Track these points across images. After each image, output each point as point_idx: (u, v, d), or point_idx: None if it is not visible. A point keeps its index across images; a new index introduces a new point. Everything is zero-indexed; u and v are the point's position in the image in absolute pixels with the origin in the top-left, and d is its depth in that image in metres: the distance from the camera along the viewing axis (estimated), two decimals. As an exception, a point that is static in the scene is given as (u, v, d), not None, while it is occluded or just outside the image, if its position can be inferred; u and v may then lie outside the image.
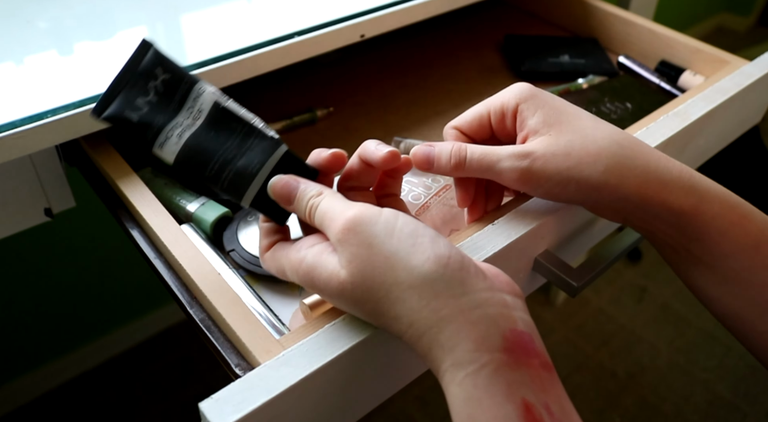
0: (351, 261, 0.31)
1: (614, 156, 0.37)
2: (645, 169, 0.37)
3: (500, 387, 0.28)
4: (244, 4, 0.62)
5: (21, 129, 0.45)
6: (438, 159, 0.39)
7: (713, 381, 1.40)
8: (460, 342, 0.29)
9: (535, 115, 0.39)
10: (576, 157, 0.37)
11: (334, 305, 0.35)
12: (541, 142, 0.38)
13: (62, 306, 1.22)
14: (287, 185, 0.36)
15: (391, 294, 0.30)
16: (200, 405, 0.30)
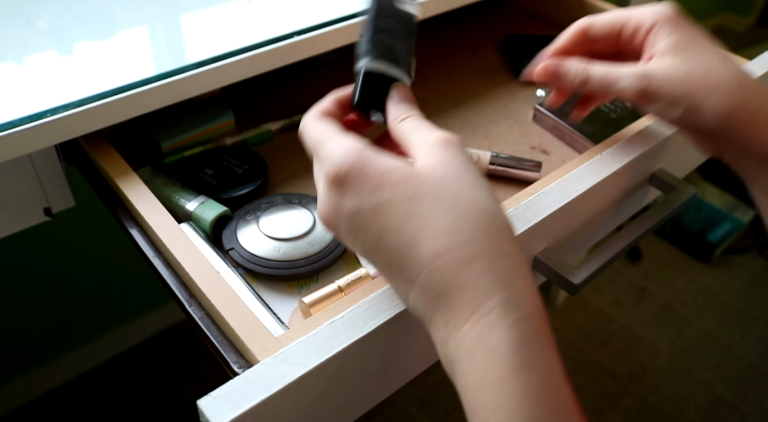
0: (439, 163, 0.30)
1: (730, 93, 0.39)
2: (756, 111, 0.39)
3: (548, 338, 0.27)
4: (244, 4, 0.62)
5: (20, 128, 0.45)
6: (564, 75, 0.44)
7: (713, 382, 1.40)
8: (514, 282, 0.27)
9: (668, 38, 0.41)
10: (693, 85, 0.39)
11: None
12: (663, 63, 0.41)
13: (62, 306, 1.22)
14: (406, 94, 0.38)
15: (470, 212, 0.28)
16: (199, 402, 0.30)
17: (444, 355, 0.29)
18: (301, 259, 0.46)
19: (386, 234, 0.29)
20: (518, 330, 0.26)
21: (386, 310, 0.35)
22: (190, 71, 0.51)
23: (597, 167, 0.46)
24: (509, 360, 0.26)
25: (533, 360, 0.26)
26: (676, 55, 0.40)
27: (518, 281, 0.27)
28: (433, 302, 0.28)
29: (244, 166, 0.55)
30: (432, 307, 0.28)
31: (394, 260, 0.29)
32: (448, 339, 0.28)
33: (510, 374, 0.25)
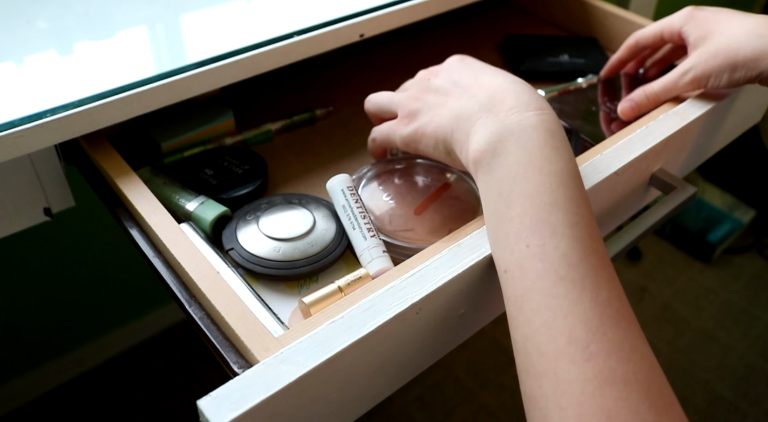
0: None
1: (751, 44, 0.50)
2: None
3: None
4: (244, 4, 0.62)
5: (20, 128, 0.45)
6: (639, 107, 0.57)
7: (713, 382, 1.40)
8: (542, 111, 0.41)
9: (693, 33, 0.54)
10: (722, 55, 0.51)
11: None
12: (696, 54, 0.53)
13: (62, 306, 1.22)
14: None
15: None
16: (199, 402, 0.30)
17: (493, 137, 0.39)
18: (301, 259, 0.46)
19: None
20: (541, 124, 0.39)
21: (386, 310, 0.35)
22: (190, 71, 0.51)
23: (597, 167, 0.46)
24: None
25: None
26: (704, 43, 0.53)
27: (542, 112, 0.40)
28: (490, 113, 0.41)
29: (244, 166, 0.55)
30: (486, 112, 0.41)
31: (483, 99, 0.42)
32: (497, 125, 0.39)
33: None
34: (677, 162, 0.57)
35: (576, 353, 0.30)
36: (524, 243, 0.34)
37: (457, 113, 0.42)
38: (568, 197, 0.35)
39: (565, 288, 0.32)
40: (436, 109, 0.44)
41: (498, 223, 0.37)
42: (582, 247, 0.33)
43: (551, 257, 0.33)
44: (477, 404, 1.33)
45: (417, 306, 0.36)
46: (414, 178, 0.54)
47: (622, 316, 0.32)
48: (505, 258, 0.35)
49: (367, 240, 0.47)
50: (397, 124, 0.47)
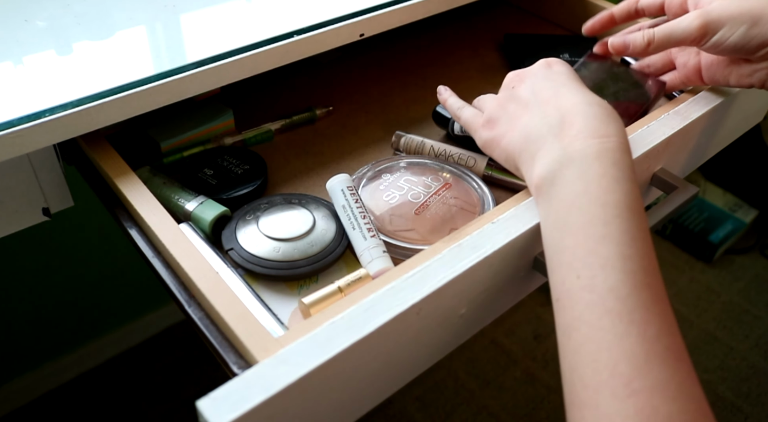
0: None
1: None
2: None
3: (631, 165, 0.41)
4: (244, 3, 0.62)
5: (19, 128, 0.44)
6: (633, 43, 0.50)
7: (715, 383, 1.40)
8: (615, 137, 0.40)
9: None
10: (746, 6, 0.45)
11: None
12: (716, 2, 0.47)
13: (61, 307, 1.22)
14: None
15: None
16: (198, 403, 0.30)
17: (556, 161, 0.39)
18: (300, 260, 0.46)
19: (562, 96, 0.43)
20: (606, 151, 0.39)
21: (386, 311, 0.35)
22: (190, 71, 0.50)
23: (598, 167, 0.46)
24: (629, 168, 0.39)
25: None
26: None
27: (614, 138, 0.39)
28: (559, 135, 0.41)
29: (244, 166, 0.55)
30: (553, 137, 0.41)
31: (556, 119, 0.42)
32: (565, 148, 0.39)
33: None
34: (679, 162, 0.57)
35: (618, 387, 0.30)
36: (575, 274, 0.34)
37: (527, 133, 0.42)
38: (622, 230, 0.34)
39: (611, 322, 0.31)
40: (513, 122, 0.44)
41: (553, 252, 0.37)
42: (633, 281, 0.33)
43: (600, 289, 0.33)
44: (477, 405, 1.33)
45: (417, 306, 0.36)
46: (414, 177, 0.54)
47: (672, 353, 0.31)
48: (557, 287, 0.35)
49: (367, 241, 0.46)
50: (481, 126, 0.47)
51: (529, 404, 1.34)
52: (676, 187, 0.51)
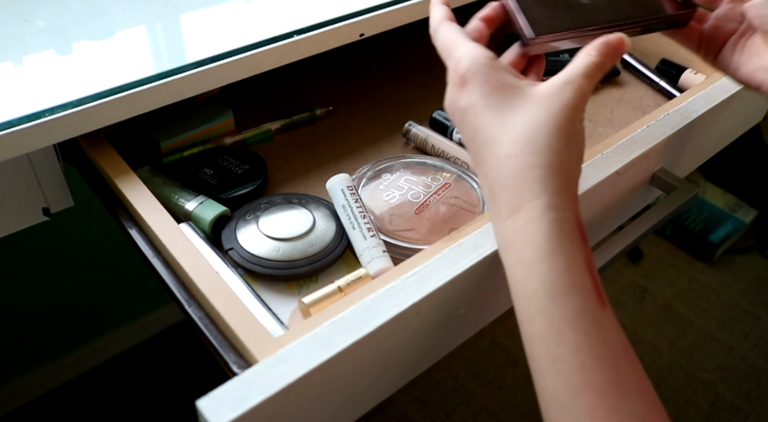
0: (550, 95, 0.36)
1: None
2: None
3: (578, 238, 0.33)
4: (244, 3, 0.62)
5: (19, 128, 0.44)
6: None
7: (715, 383, 1.40)
8: (562, 192, 0.33)
9: None
10: None
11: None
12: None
13: (62, 306, 1.22)
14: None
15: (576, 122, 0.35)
16: (198, 403, 0.30)
17: (497, 241, 0.35)
18: (300, 259, 0.46)
19: (481, 132, 0.36)
20: (552, 226, 0.32)
21: (386, 310, 0.35)
22: (190, 71, 0.50)
23: (597, 167, 0.46)
24: (540, 246, 0.32)
25: (560, 250, 0.32)
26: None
27: (563, 193, 0.33)
28: (497, 194, 0.35)
29: (244, 165, 0.55)
30: (492, 199, 0.35)
31: (481, 154, 0.36)
32: (500, 227, 0.34)
33: (539, 257, 0.32)
34: (678, 161, 0.57)
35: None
36: (527, 324, 0.33)
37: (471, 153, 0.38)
38: (546, 327, 0.31)
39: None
40: (464, 137, 0.39)
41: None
42: (568, 386, 0.31)
43: (543, 395, 0.32)
44: (477, 404, 1.33)
45: (417, 306, 0.36)
46: (414, 177, 0.54)
47: None
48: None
49: (367, 240, 0.46)
50: (454, 83, 0.39)
51: (529, 404, 1.34)
52: (676, 187, 0.51)
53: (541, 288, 0.32)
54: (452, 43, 0.40)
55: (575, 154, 0.35)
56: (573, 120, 0.35)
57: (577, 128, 0.35)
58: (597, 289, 0.32)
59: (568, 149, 0.34)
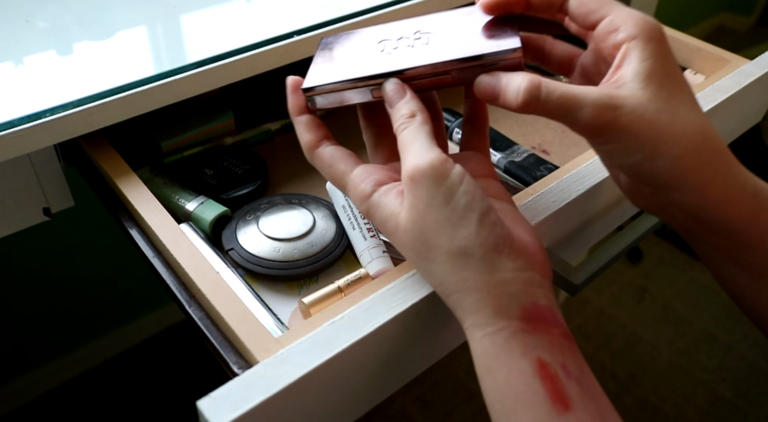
0: (410, 209, 0.33)
1: (694, 146, 0.33)
2: (715, 172, 0.33)
3: (516, 346, 0.31)
4: (244, 4, 0.62)
5: (19, 128, 0.45)
6: (504, 94, 0.34)
7: (714, 382, 1.40)
8: (481, 309, 0.31)
9: (645, 61, 0.33)
10: (657, 130, 0.32)
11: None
12: (633, 97, 0.33)
13: (61, 306, 1.22)
14: (400, 87, 0.36)
15: (431, 253, 0.32)
16: (198, 403, 0.30)
17: None
18: (300, 260, 0.46)
19: None
20: (484, 344, 0.31)
21: (386, 311, 0.35)
22: (190, 71, 0.50)
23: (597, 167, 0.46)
24: (480, 364, 0.32)
25: (496, 365, 0.31)
26: (648, 87, 0.33)
27: (481, 309, 0.31)
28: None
29: (244, 166, 0.55)
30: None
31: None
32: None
33: (482, 374, 0.32)
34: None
35: None
36: None
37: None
38: None
39: None
40: None
41: None
42: None
43: None
44: (477, 404, 1.33)
45: (417, 306, 0.36)
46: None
47: None
48: None
49: (367, 241, 0.47)
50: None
51: (529, 404, 1.34)
52: (676, 187, 0.51)
53: (491, 406, 0.31)
54: (336, 181, 0.37)
55: (475, 258, 0.31)
56: (446, 223, 0.32)
57: (457, 223, 0.31)
58: (554, 394, 0.29)
59: (463, 261, 0.31)
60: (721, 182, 0.34)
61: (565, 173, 0.46)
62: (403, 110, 0.35)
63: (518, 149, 0.59)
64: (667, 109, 0.33)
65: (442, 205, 0.32)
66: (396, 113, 0.35)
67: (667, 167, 0.33)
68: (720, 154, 0.34)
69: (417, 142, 0.33)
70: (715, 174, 0.33)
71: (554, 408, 0.29)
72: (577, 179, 0.44)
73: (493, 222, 0.32)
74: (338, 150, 0.37)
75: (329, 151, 0.37)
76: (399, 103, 0.35)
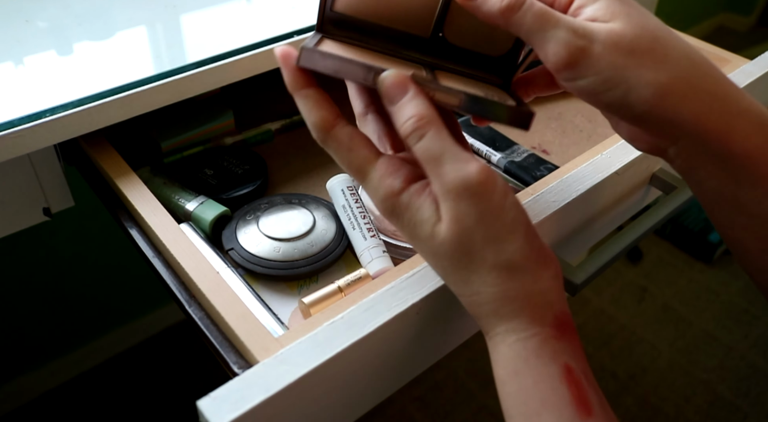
0: (455, 222, 0.31)
1: (682, 69, 0.30)
2: (712, 94, 0.31)
3: (546, 352, 0.31)
4: (244, 4, 0.62)
5: (20, 128, 0.45)
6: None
7: (714, 382, 1.40)
8: (518, 316, 0.32)
9: (597, 2, 0.32)
10: (639, 56, 0.30)
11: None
12: (604, 27, 0.30)
13: (61, 307, 1.22)
14: (403, 83, 0.32)
15: (473, 264, 0.31)
16: (198, 403, 0.30)
17: None
18: (300, 259, 0.46)
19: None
20: (515, 348, 0.32)
21: (386, 311, 0.35)
22: (190, 71, 0.50)
23: (597, 167, 0.46)
24: (507, 367, 0.32)
25: (526, 369, 0.31)
26: (616, 20, 0.30)
27: (521, 315, 0.32)
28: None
29: (244, 166, 0.55)
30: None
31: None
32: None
33: (508, 377, 0.32)
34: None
35: None
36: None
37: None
38: None
39: None
40: None
41: None
42: None
43: None
44: (477, 404, 1.33)
45: (417, 306, 0.36)
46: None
47: None
48: None
49: (367, 241, 0.47)
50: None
51: (529, 404, 1.34)
52: (676, 187, 0.51)
53: (513, 408, 0.31)
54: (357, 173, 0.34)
55: (520, 274, 0.31)
56: (494, 239, 0.31)
57: (503, 238, 0.31)
58: (579, 399, 0.30)
59: (507, 275, 0.31)
60: (719, 108, 0.31)
61: (565, 173, 0.46)
62: (407, 111, 0.31)
63: (518, 149, 0.59)
64: (646, 35, 0.31)
65: (493, 220, 0.31)
66: (399, 114, 0.31)
67: (656, 96, 0.30)
68: (713, 79, 0.31)
69: (447, 153, 0.30)
70: (713, 100, 0.30)
71: (578, 412, 0.30)
72: (577, 179, 0.44)
73: (534, 235, 0.32)
74: (358, 132, 0.33)
75: (348, 132, 0.33)
76: (401, 101, 0.31)
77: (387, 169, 0.32)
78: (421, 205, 0.31)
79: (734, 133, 0.31)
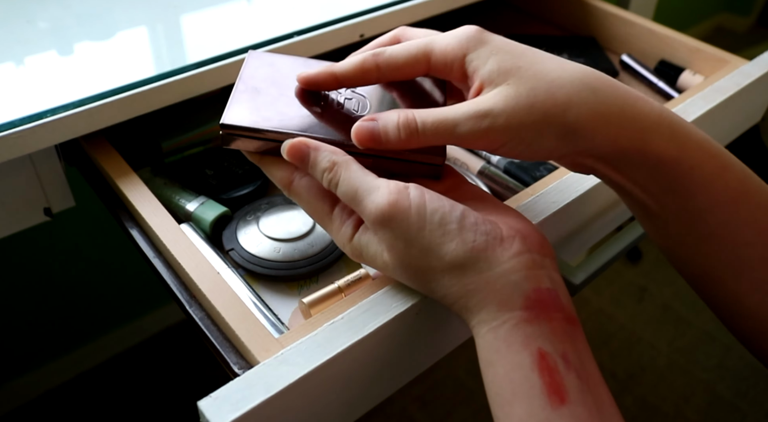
0: (390, 250, 0.33)
1: (586, 102, 0.32)
2: (621, 115, 0.33)
3: (517, 339, 0.31)
4: (244, 4, 0.62)
5: (21, 128, 0.45)
6: (385, 134, 0.34)
7: (713, 382, 1.40)
8: (485, 306, 0.31)
9: (487, 64, 0.34)
10: (541, 108, 0.32)
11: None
12: (498, 94, 0.33)
13: (62, 306, 1.22)
14: (298, 149, 0.34)
15: (427, 275, 0.33)
16: (199, 403, 0.30)
17: None
18: (301, 260, 0.46)
19: None
20: (487, 338, 0.31)
21: (386, 311, 0.35)
22: (191, 71, 0.51)
23: (597, 167, 0.46)
24: (483, 358, 0.32)
25: (497, 358, 0.31)
26: (508, 79, 0.33)
27: (485, 306, 0.32)
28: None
29: (245, 166, 0.55)
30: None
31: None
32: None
33: (484, 368, 0.32)
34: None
35: None
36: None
37: None
38: None
39: None
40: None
41: None
42: None
43: None
44: (477, 404, 1.33)
45: (417, 306, 0.36)
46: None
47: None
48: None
49: (368, 241, 0.47)
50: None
51: (529, 403, 1.34)
52: (675, 188, 0.51)
53: (491, 399, 0.31)
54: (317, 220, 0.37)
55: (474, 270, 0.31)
56: (430, 246, 0.32)
57: (443, 239, 0.31)
58: (551, 387, 0.29)
59: (459, 272, 0.31)
60: (620, 119, 0.33)
61: (565, 173, 0.46)
62: (317, 169, 0.34)
63: (518, 149, 0.59)
64: (540, 85, 0.33)
65: (419, 234, 0.32)
66: (315, 175, 0.34)
67: (572, 134, 0.33)
68: (618, 100, 0.33)
69: (359, 190, 0.32)
70: (610, 114, 0.33)
71: (549, 401, 0.29)
72: (576, 179, 0.44)
73: (473, 224, 0.32)
74: (314, 184, 0.35)
75: (304, 185, 0.35)
76: (309, 164, 0.34)
77: (341, 218, 0.35)
78: (368, 243, 0.34)
79: (650, 146, 0.33)
